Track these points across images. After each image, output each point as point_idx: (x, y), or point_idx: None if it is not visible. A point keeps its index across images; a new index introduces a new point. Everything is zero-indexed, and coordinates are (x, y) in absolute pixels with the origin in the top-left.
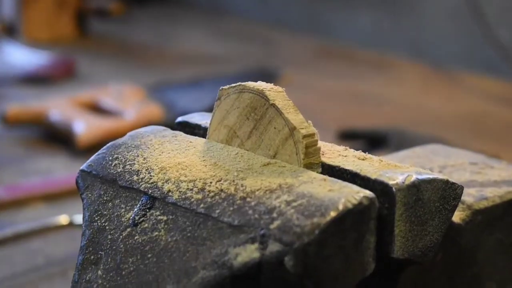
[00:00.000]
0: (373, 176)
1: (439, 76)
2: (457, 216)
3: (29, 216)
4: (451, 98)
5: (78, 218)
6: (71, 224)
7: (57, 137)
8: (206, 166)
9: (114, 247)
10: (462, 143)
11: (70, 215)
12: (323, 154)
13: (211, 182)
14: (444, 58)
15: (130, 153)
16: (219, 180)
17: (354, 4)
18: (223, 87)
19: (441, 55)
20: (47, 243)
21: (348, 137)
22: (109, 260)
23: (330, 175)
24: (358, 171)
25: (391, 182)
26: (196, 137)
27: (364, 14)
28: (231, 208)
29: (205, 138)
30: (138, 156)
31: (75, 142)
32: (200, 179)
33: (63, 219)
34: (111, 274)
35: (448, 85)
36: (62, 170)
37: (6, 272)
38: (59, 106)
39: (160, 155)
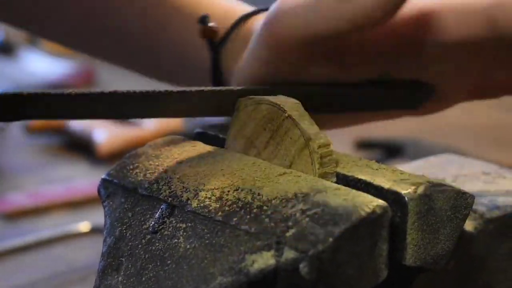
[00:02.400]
0: (386, 186)
1: None
2: (469, 225)
3: (51, 223)
4: (469, 108)
5: (100, 225)
6: (92, 231)
7: (78, 146)
8: (224, 175)
9: (134, 254)
10: (480, 153)
11: (91, 222)
12: (338, 164)
13: (228, 191)
14: None
15: (150, 162)
16: (237, 189)
17: None
18: (241, 99)
19: None
20: (68, 250)
21: (365, 147)
22: (130, 266)
23: (345, 185)
24: (371, 180)
25: (403, 192)
26: (215, 147)
27: None
28: (248, 216)
29: (223, 148)
30: (158, 165)
31: (95, 150)
32: (218, 188)
33: (84, 226)
34: (131, 279)
35: None
36: (83, 178)
37: (28, 278)
38: None
39: (179, 164)
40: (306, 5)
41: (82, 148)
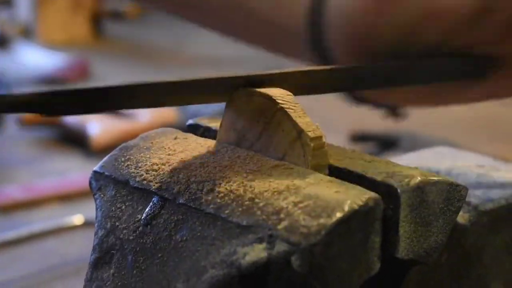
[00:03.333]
0: (378, 178)
1: None
2: (463, 217)
3: (44, 216)
4: None
5: (93, 218)
6: (85, 224)
7: (72, 139)
8: (216, 167)
9: (126, 246)
10: (475, 146)
11: (85, 215)
12: (330, 156)
13: (220, 183)
14: None
15: (142, 154)
16: (229, 181)
17: None
18: (234, 91)
19: None
20: (61, 243)
21: (360, 139)
22: (121, 259)
23: (337, 177)
24: (364, 173)
25: (396, 184)
26: (206, 139)
27: None
28: (240, 209)
29: (215, 140)
30: (149, 157)
31: (89, 143)
32: (210, 180)
33: (77, 219)
34: (123, 272)
35: None
36: (76, 171)
37: (21, 271)
38: None
39: (171, 156)
40: None
41: (76, 141)
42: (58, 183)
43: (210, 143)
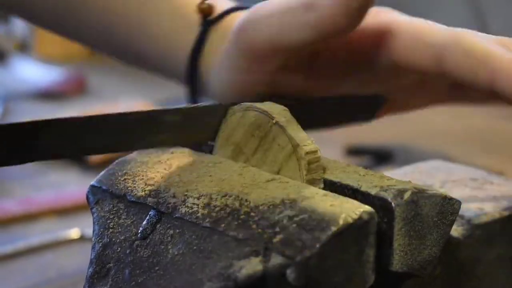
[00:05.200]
0: (373, 192)
1: None
2: (457, 231)
3: (41, 229)
4: (459, 113)
5: (89, 232)
6: (82, 238)
7: None
8: (212, 181)
9: (123, 260)
10: (469, 158)
11: (82, 229)
12: (325, 170)
13: (216, 197)
14: None
15: (139, 168)
16: (225, 195)
17: None
18: (230, 107)
19: None
20: (58, 256)
21: (355, 153)
22: (118, 272)
23: (332, 191)
24: (358, 186)
25: (390, 198)
26: (202, 153)
27: None
28: (236, 223)
29: (211, 154)
30: (146, 171)
31: (87, 157)
32: (206, 194)
33: (74, 232)
34: (120, 286)
35: None
36: (73, 185)
37: (18, 284)
38: None
39: (167, 170)
40: (276, 15)
41: None
42: (55, 197)
43: (206, 158)
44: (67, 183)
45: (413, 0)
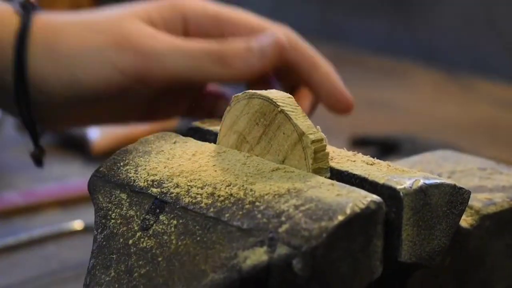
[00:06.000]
0: (381, 181)
1: (452, 83)
2: (465, 221)
3: (44, 221)
4: (464, 104)
5: (92, 223)
6: (85, 229)
7: (71, 144)
8: (216, 171)
9: (125, 251)
10: (475, 149)
11: (85, 220)
12: (332, 159)
13: (220, 187)
14: (457, 65)
15: (141, 158)
16: (229, 185)
17: (368, 11)
18: (235, 94)
19: (454, 62)
20: (61, 248)
21: (361, 143)
22: (120, 263)
23: (339, 180)
24: (366, 176)
25: (398, 187)
26: (206, 142)
27: (378, 22)
28: (240, 212)
29: (215, 143)
30: (149, 161)
31: (89, 148)
32: (210, 184)
33: (77, 224)
34: (122, 277)
35: (461, 91)
36: (76, 176)
37: (21, 276)
38: None
39: (170, 160)
40: (185, 56)
41: (76, 146)
42: (58, 189)
43: (209, 147)
44: (70, 175)
45: None
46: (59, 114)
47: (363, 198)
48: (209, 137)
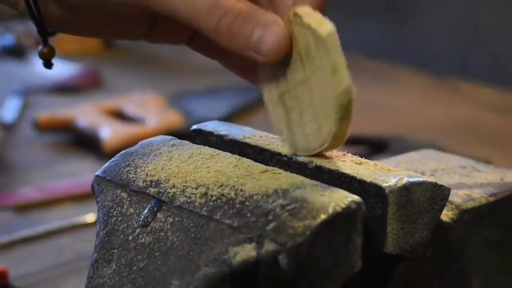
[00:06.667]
0: (368, 180)
1: (438, 85)
2: (446, 215)
3: (59, 214)
4: (449, 106)
5: None
6: (97, 223)
7: (84, 142)
8: (209, 172)
9: (125, 246)
10: (458, 148)
11: (96, 214)
12: (325, 159)
13: (213, 187)
14: (444, 69)
15: (141, 160)
16: (221, 186)
17: (362, 18)
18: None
19: (441, 66)
20: (75, 240)
21: (352, 143)
22: (121, 257)
23: (330, 178)
24: (355, 174)
25: (384, 185)
26: (201, 146)
27: (371, 27)
28: (231, 211)
29: (216, 144)
30: (148, 163)
31: (101, 146)
32: (204, 184)
33: (90, 217)
34: (122, 270)
35: (447, 94)
36: (89, 173)
37: (38, 266)
38: (86, 113)
39: (168, 162)
40: None
41: (88, 144)
42: (71, 184)
43: (204, 150)
44: (83, 172)
45: (404, 1)
46: (66, 15)
47: (344, 198)
48: (210, 138)
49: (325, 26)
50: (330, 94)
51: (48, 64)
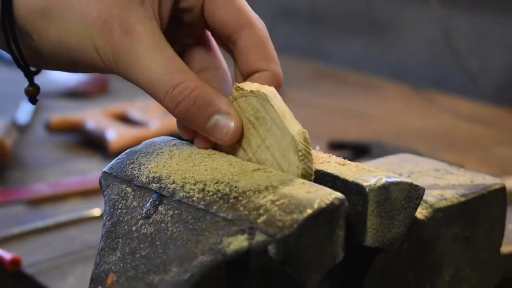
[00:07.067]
0: (350, 179)
1: (417, 96)
2: (421, 213)
3: (68, 208)
4: (427, 115)
5: None
6: (103, 216)
7: (92, 143)
8: (206, 170)
9: (129, 236)
10: (434, 154)
11: (102, 208)
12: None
13: (210, 184)
14: (421, 81)
15: (144, 158)
16: (217, 182)
17: (346, 34)
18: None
19: (419, 79)
20: (82, 231)
21: (337, 147)
22: (125, 246)
23: (316, 177)
24: (338, 174)
25: (365, 184)
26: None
27: (355, 43)
28: (226, 205)
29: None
30: (150, 161)
31: (107, 147)
32: (201, 181)
33: (96, 211)
34: (126, 257)
35: (424, 104)
36: (96, 171)
37: (48, 254)
38: (94, 117)
39: (169, 160)
40: None
41: (95, 145)
42: (80, 181)
43: (203, 151)
44: (91, 170)
45: (385, 18)
46: (49, 59)
47: (329, 195)
48: None
49: (264, 88)
50: (287, 139)
51: (33, 101)
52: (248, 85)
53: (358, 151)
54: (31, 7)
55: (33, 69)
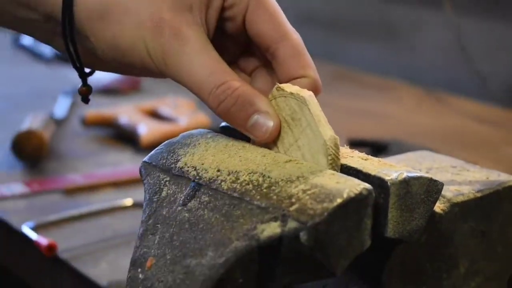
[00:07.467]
0: (372, 173)
1: (430, 98)
2: (439, 207)
3: (101, 198)
4: (439, 116)
5: (140, 201)
6: (133, 205)
7: (124, 137)
8: (240, 161)
9: (168, 221)
10: (446, 152)
11: (133, 198)
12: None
13: (244, 173)
14: (434, 84)
15: (182, 149)
16: (251, 172)
17: (363, 38)
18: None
19: (432, 81)
20: (114, 220)
21: (357, 145)
22: (164, 231)
23: (340, 171)
24: (361, 168)
25: (386, 178)
26: (233, 138)
27: (371, 46)
28: (260, 194)
29: (242, 139)
30: (188, 152)
31: (138, 141)
32: (236, 171)
33: (127, 201)
34: (164, 242)
35: (437, 105)
36: (127, 163)
37: (82, 241)
38: (126, 112)
39: (205, 151)
40: None
41: (127, 139)
42: (112, 172)
43: (236, 142)
44: (123, 162)
45: (399, 23)
46: (104, 61)
47: (357, 186)
48: (237, 133)
49: (304, 91)
50: (320, 142)
51: (85, 100)
52: (288, 87)
53: (376, 149)
54: (90, 10)
55: (87, 70)
